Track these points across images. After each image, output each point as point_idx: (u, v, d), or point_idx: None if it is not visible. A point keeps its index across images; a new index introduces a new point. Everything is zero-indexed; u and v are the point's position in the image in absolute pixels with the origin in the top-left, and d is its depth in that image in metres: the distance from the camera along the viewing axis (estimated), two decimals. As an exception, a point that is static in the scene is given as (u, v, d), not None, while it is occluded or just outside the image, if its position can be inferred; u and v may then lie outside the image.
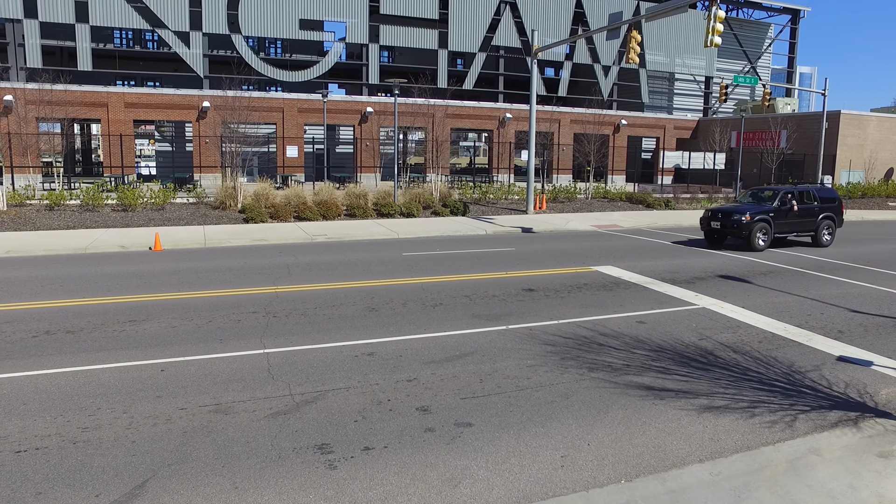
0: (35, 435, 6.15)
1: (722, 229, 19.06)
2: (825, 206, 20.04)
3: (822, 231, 19.85)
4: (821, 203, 20.00)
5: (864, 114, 45.26)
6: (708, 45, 18.90)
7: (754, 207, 19.05)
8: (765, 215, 18.71)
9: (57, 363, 8.14)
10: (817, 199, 20.05)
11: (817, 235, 19.84)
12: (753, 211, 18.71)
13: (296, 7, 44.54)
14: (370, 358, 8.50)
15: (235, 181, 26.30)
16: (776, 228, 18.92)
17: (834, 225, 20.14)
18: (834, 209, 20.28)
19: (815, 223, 19.78)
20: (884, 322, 10.82)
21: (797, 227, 19.51)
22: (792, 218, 19.30)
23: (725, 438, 6.36)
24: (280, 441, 6.11)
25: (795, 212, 19.23)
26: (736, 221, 18.58)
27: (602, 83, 53.75)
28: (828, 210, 20.04)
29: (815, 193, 20.22)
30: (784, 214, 19.14)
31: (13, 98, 33.57)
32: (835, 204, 20.43)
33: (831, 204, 20.31)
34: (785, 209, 19.15)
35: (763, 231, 18.62)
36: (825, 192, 20.70)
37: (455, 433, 6.35)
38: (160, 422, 6.48)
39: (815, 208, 19.80)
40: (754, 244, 18.46)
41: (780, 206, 19.08)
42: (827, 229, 19.95)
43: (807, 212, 19.61)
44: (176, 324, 10.04)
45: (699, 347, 9.22)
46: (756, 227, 18.47)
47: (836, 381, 7.94)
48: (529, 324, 10.26)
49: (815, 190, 20.51)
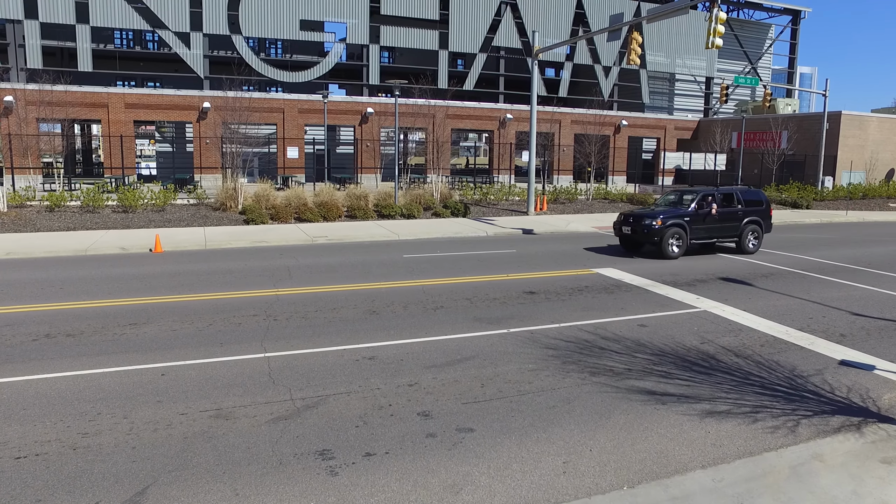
0: (35, 441, 6.13)
1: (633, 235, 17.75)
2: (750, 210, 18.69)
3: (746, 237, 18.49)
4: (745, 207, 18.66)
5: (864, 114, 45.23)
6: (709, 47, 18.87)
7: (668, 212, 17.75)
8: (679, 220, 17.41)
9: (57, 367, 8.11)
10: (742, 202, 18.68)
11: (741, 241, 18.47)
12: (666, 216, 17.42)
13: (296, 8, 44.52)
14: (371, 362, 8.48)
15: (236, 182, 26.27)
16: (693, 234, 17.67)
17: (761, 230, 18.80)
18: (761, 213, 18.95)
19: (739, 228, 18.43)
20: (886, 325, 10.79)
21: (718, 232, 18.25)
22: (711, 223, 18.01)
23: (728, 444, 6.34)
24: (281, 447, 6.09)
25: (715, 216, 17.95)
26: (646, 227, 17.26)
27: (603, 84, 53.71)
28: (753, 214, 18.70)
29: (740, 196, 18.82)
30: (702, 219, 17.85)
31: (13, 99, 33.56)
32: (762, 207, 19.08)
33: (757, 207, 18.96)
34: (703, 213, 17.85)
35: (676, 237, 17.30)
36: (751, 195, 19.26)
37: (456, 439, 6.33)
38: (161, 427, 6.46)
39: (739, 212, 18.48)
40: (666, 251, 17.18)
41: (696, 211, 17.78)
42: (752, 234, 18.60)
43: (729, 216, 18.30)
44: (176, 327, 10.02)
45: (701, 351, 9.19)
46: (668, 233, 17.15)
47: (839, 386, 7.91)
48: (530, 327, 10.24)
49: (740, 192, 19.05)
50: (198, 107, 38.27)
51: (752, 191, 19.59)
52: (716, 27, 18.70)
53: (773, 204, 35.28)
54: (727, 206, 18.51)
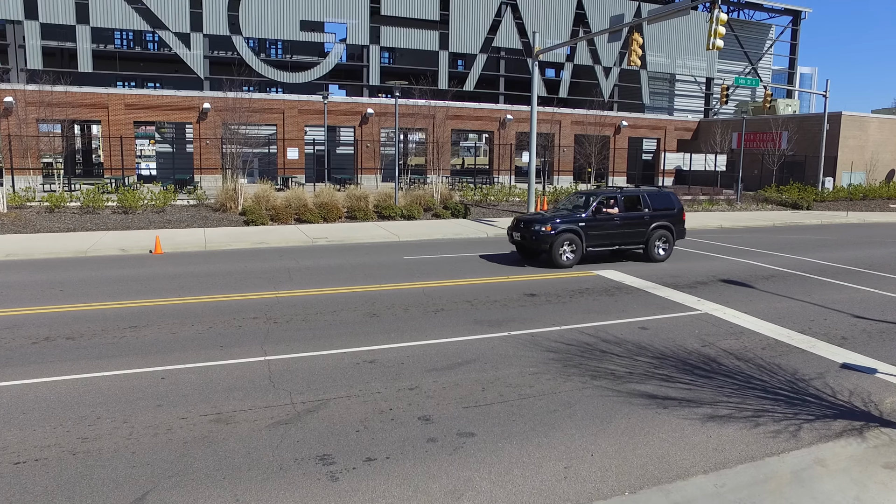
0: (34, 445, 6.11)
1: (522, 241, 16.48)
2: (658, 215, 17.23)
3: (653, 243, 17.03)
4: (653, 211, 17.21)
5: (865, 115, 45.23)
6: (710, 48, 18.85)
7: (562, 216, 16.41)
8: (573, 226, 16.04)
9: (57, 371, 8.10)
10: (649, 206, 17.24)
11: (648, 248, 17.04)
12: (558, 221, 16.06)
13: (296, 8, 44.52)
14: (371, 365, 8.46)
15: (236, 183, 26.27)
16: (589, 241, 16.26)
17: (671, 236, 17.29)
18: (671, 217, 17.45)
19: (645, 234, 16.98)
20: (887, 328, 10.77)
21: (620, 238, 16.74)
22: (612, 228, 16.59)
23: (730, 448, 6.31)
24: (281, 452, 6.07)
25: (616, 221, 16.62)
26: (535, 233, 15.92)
27: (603, 84, 53.71)
28: (662, 219, 17.22)
29: (647, 199, 17.33)
30: (600, 224, 16.44)
31: (14, 100, 33.54)
32: (672, 211, 17.57)
33: (667, 211, 17.47)
34: (601, 218, 16.50)
35: (569, 244, 15.93)
36: (660, 199, 17.67)
37: (457, 443, 6.31)
38: (160, 432, 6.43)
39: (645, 217, 17.04)
40: (556, 259, 15.82)
41: (594, 215, 16.39)
42: (661, 240, 17.14)
43: (633, 221, 16.87)
44: (176, 330, 10.00)
45: (702, 354, 9.17)
46: (560, 240, 15.79)
47: (841, 390, 7.89)
48: (531, 330, 10.22)
49: (648, 195, 17.51)
50: (198, 107, 38.26)
51: (663, 193, 18.02)
52: (716, 28, 18.69)
53: (774, 205, 35.36)
54: (632, 209, 17.18)
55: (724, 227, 26.43)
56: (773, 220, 29.00)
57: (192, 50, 42.96)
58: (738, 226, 27.05)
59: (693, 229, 25.58)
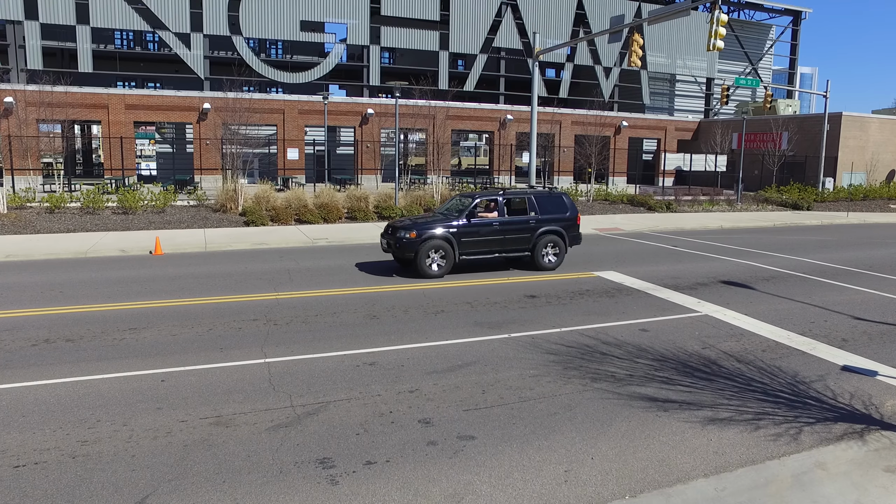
0: (34, 449, 6.10)
1: (389, 249, 15.18)
2: (547, 219, 15.79)
3: (541, 250, 15.60)
4: (541, 214, 15.75)
5: (865, 115, 45.23)
6: (710, 49, 18.85)
7: (432, 222, 15.00)
8: (443, 231, 14.64)
9: (56, 373, 8.09)
10: (536, 209, 15.80)
11: (534, 256, 15.58)
12: (425, 227, 14.67)
13: (297, 8, 44.53)
14: (372, 368, 8.45)
15: (236, 183, 26.26)
16: (463, 248, 14.85)
17: (562, 242, 15.88)
18: (563, 222, 15.99)
19: (531, 240, 15.54)
20: (888, 330, 10.76)
21: (500, 245, 15.28)
22: (491, 234, 15.14)
23: (730, 452, 6.31)
24: (281, 455, 6.06)
25: (495, 226, 15.15)
26: (399, 240, 14.61)
27: (603, 85, 53.71)
28: (551, 223, 15.78)
29: (534, 202, 15.85)
30: (476, 230, 14.99)
31: (14, 100, 33.54)
32: (564, 216, 16.08)
33: (558, 216, 15.99)
34: (478, 223, 15.02)
35: (437, 251, 14.54)
36: (550, 202, 16.11)
37: (458, 447, 6.30)
38: (160, 435, 6.43)
39: (531, 222, 15.59)
40: (422, 269, 14.43)
41: (468, 221, 14.93)
42: (550, 247, 15.71)
43: (516, 226, 15.43)
44: (176, 332, 9.99)
45: (702, 356, 9.16)
46: (425, 248, 14.42)
47: (841, 392, 7.88)
48: (531, 332, 10.21)
49: (536, 197, 15.97)
50: (198, 108, 38.26)
51: (554, 196, 16.42)
52: (717, 29, 18.68)
53: (774, 205, 35.34)
54: (516, 213, 15.93)
55: (724, 228, 26.42)
56: (774, 221, 29.00)
57: (192, 50, 42.98)
58: (739, 226, 27.04)
59: (693, 230, 25.57)
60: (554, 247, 15.84)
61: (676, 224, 26.79)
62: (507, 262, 16.40)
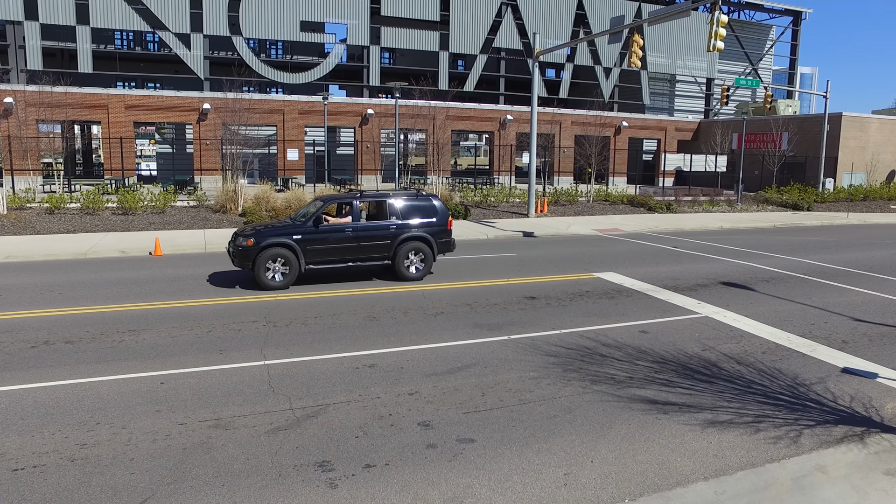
0: (33, 452, 6.09)
1: (230, 256, 13.98)
2: (412, 224, 14.48)
3: (403, 259, 14.30)
4: (404, 219, 14.47)
5: (865, 116, 45.23)
6: (711, 50, 18.83)
7: (275, 228, 13.95)
8: (285, 239, 13.44)
9: (55, 375, 8.08)
10: (398, 213, 14.47)
11: (395, 264, 14.28)
12: (265, 233, 13.53)
13: (297, 9, 44.52)
14: (371, 370, 8.44)
15: (236, 184, 26.25)
16: (310, 257, 13.65)
17: (430, 250, 14.55)
18: (430, 228, 14.66)
19: (391, 248, 14.26)
20: (888, 331, 10.75)
21: (355, 252, 14.03)
22: (342, 241, 13.90)
23: (730, 455, 6.30)
24: (280, 458, 6.05)
25: (347, 233, 13.96)
26: (237, 247, 13.49)
27: (603, 85, 53.70)
28: (417, 229, 14.49)
29: (395, 207, 14.49)
30: (325, 237, 13.79)
31: (13, 100, 33.54)
32: (431, 221, 14.73)
33: (425, 220, 14.66)
34: (327, 229, 13.90)
35: (278, 260, 13.36)
36: (417, 205, 14.74)
37: (457, 450, 6.29)
38: (159, 438, 6.42)
39: (392, 228, 14.31)
40: (261, 279, 13.24)
41: (315, 226, 13.76)
42: (414, 255, 14.41)
43: (373, 232, 14.18)
44: (176, 333, 9.98)
45: (702, 359, 9.15)
46: (265, 256, 13.24)
47: (842, 395, 7.87)
48: (531, 333, 10.20)
49: (398, 201, 14.58)
50: (198, 108, 38.25)
51: (421, 199, 14.94)
52: (717, 30, 18.67)
53: (774, 206, 35.31)
54: (374, 218, 14.70)
55: (724, 229, 26.41)
56: (774, 222, 28.98)
57: (192, 50, 42.97)
58: (739, 227, 27.03)
59: (693, 230, 25.56)
60: (419, 255, 14.49)
61: (676, 225, 26.78)
62: (370, 272, 15.22)
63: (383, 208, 14.63)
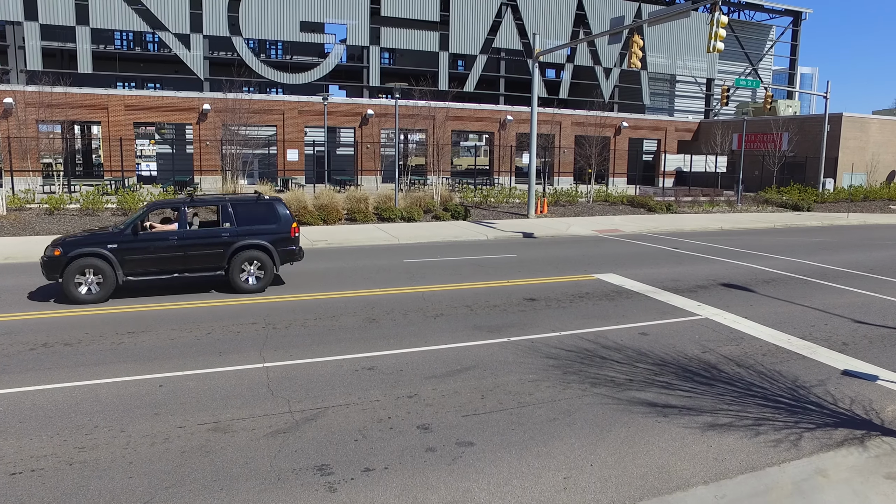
0: (31, 456, 6.07)
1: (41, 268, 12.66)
2: (249, 231, 13.28)
3: (238, 269, 13.09)
4: (239, 226, 13.26)
5: (865, 116, 45.20)
6: (711, 51, 18.81)
7: (90, 235, 12.81)
8: (98, 248, 12.29)
9: (54, 378, 8.06)
10: (232, 219, 13.28)
11: (231, 275, 13.09)
12: (78, 242, 12.39)
13: (297, 9, 44.49)
14: (370, 372, 8.42)
15: (236, 184, 26.24)
16: (128, 268, 12.51)
17: (270, 259, 13.34)
18: (270, 235, 13.44)
19: (224, 257, 13.07)
20: (889, 333, 10.73)
21: (181, 263, 12.89)
22: (166, 250, 12.76)
23: (730, 458, 6.28)
24: (279, 462, 6.04)
25: (173, 241, 12.83)
26: (44, 258, 12.37)
27: (603, 85, 53.67)
28: (255, 237, 13.29)
29: (230, 212, 13.31)
30: (146, 245, 12.67)
31: (13, 101, 33.52)
32: (272, 227, 13.51)
33: (266, 226, 13.46)
34: (149, 237, 12.77)
35: (90, 272, 12.20)
36: (255, 211, 13.58)
37: (456, 453, 6.28)
38: (158, 441, 6.40)
39: (225, 235, 13.14)
40: (71, 293, 12.09)
41: (133, 234, 12.60)
42: (252, 265, 13.19)
43: (203, 241, 13.05)
44: (175, 335, 9.96)
45: (702, 361, 9.13)
46: (74, 268, 12.08)
47: (842, 397, 7.85)
48: (531, 336, 10.18)
49: (234, 205, 13.45)
50: (198, 108, 38.22)
51: (261, 204, 13.75)
52: (717, 31, 18.65)
53: (775, 206, 35.29)
54: (206, 225, 13.86)
55: (724, 229, 26.39)
56: (774, 222, 28.96)
57: (191, 51, 42.94)
58: (739, 228, 27.01)
59: (693, 231, 25.54)
60: (258, 265, 13.27)
61: (676, 225, 26.76)
62: (208, 283, 13.94)
63: (217, 214, 13.60)
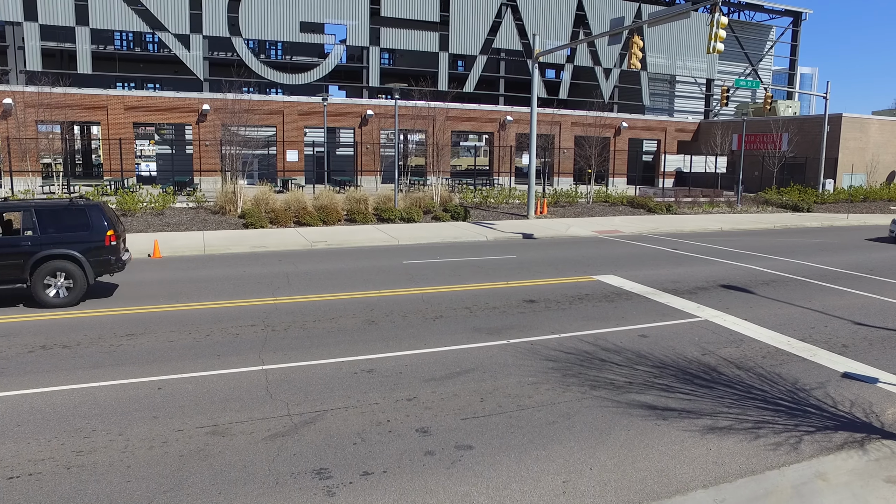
0: (28, 459, 6.06)
1: None
2: (57, 240, 11.98)
3: (40, 282, 11.78)
4: (46, 233, 11.96)
5: (865, 117, 45.19)
6: (710, 52, 18.80)
7: None
8: None
9: (52, 380, 8.04)
10: (36, 227, 11.95)
11: (34, 288, 11.79)
12: None
13: (296, 9, 44.49)
14: (370, 375, 8.40)
15: (235, 185, 26.21)
16: None
17: (80, 270, 11.97)
18: (82, 245, 12.10)
19: (25, 268, 11.74)
20: (889, 335, 10.71)
21: None
22: None
23: (730, 462, 6.26)
24: (278, 465, 6.02)
25: None
26: None
27: (603, 85, 53.65)
28: (62, 246, 11.95)
29: (34, 218, 11.97)
30: None
31: (13, 101, 33.49)
32: (85, 234, 12.19)
33: (76, 234, 12.13)
34: None
35: None
36: (63, 218, 12.22)
37: (455, 456, 6.26)
38: (156, 445, 6.38)
39: (26, 245, 11.85)
40: None
41: None
42: (58, 277, 11.90)
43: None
44: (173, 338, 9.94)
45: (702, 363, 9.12)
46: None
47: (842, 400, 7.84)
48: (530, 338, 10.16)
49: (39, 212, 12.05)
50: (197, 109, 38.21)
51: (73, 210, 12.34)
52: (717, 32, 18.64)
53: (774, 207, 35.26)
54: (8, 233, 12.67)
55: (724, 230, 26.38)
56: (774, 223, 28.95)
57: (191, 51, 42.93)
58: (739, 228, 26.99)
59: (693, 232, 25.52)
60: (66, 276, 11.96)
61: (676, 226, 26.74)
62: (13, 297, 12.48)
63: (18, 221, 12.27)
